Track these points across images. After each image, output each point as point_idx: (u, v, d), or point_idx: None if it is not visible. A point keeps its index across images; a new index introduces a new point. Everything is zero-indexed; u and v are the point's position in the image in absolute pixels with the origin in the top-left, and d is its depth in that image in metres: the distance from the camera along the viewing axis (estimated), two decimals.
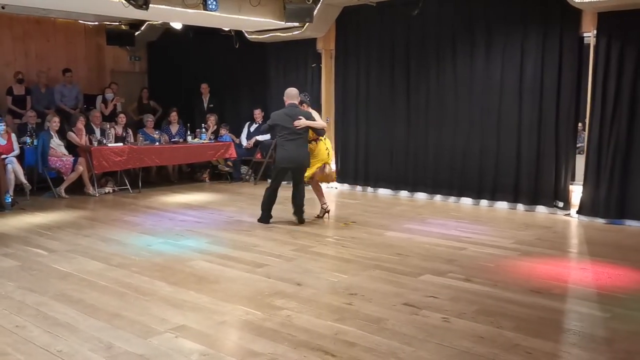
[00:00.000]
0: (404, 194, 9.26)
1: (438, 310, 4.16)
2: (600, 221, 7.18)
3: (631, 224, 7.00)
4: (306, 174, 7.02)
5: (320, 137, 7.09)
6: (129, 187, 9.54)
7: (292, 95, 6.94)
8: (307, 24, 9.18)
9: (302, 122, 6.75)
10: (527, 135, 7.90)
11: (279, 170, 7.00)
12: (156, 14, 8.32)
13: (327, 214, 7.34)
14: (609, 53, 7.02)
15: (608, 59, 7.03)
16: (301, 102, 7.09)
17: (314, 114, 7.17)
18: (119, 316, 4.04)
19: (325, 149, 7.17)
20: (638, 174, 6.94)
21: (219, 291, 4.59)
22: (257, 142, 10.74)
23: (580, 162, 7.65)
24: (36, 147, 9.03)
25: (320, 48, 10.03)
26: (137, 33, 11.96)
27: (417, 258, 5.57)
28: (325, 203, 7.35)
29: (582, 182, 7.44)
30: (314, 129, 6.94)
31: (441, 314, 4.09)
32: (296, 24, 9.25)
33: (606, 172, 7.13)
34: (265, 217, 7.08)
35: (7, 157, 8.26)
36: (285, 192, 7.34)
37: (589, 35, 7.29)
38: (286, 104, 6.92)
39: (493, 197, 8.27)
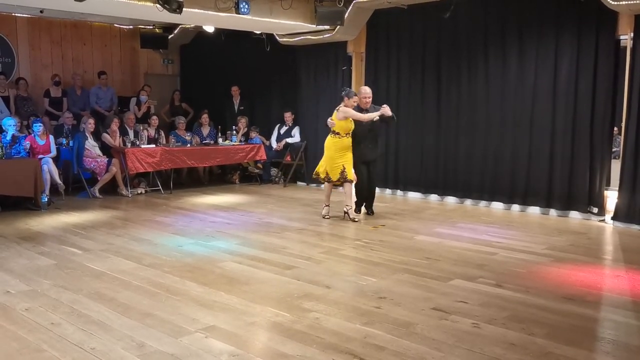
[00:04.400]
0: (434, 197, 9.19)
1: (468, 315, 4.12)
2: (636, 228, 7.01)
3: None
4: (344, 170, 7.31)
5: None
6: (160, 188, 9.69)
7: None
8: (338, 27, 9.21)
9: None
10: (560, 139, 7.76)
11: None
12: (189, 17, 8.45)
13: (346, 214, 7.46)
14: None
15: None
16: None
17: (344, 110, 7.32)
18: (151, 315, 4.11)
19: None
20: None
21: (249, 292, 4.63)
22: (287, 145, 10.80)
23: (615, 167, 7.49)
24: (72, 148, 9.24)
25: (351, 51, 10.03)
26: (170, 36, 12.19)
27: (447, 262, 5.53)
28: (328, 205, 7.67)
29: (617, 188, 7.28)
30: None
31: (471, 319, 4.05)
32: (327, 27, 9.28)
33: None
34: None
35: (43, 158, 8.47)
36: (308, 194, 7.36)
37: (626, 37, 7.13)
38: None
39: (525, 201, 8.14)
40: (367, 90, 7.53)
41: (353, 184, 7.44)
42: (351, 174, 7.32)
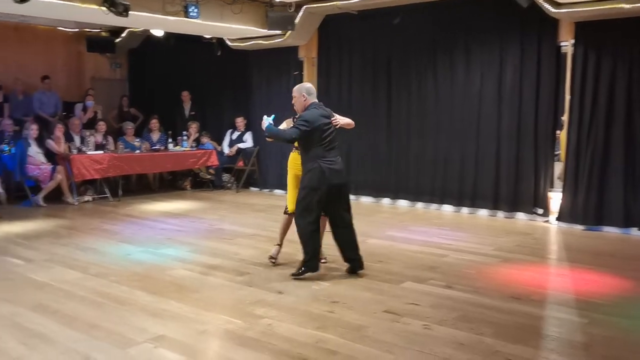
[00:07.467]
0: (385, 201, 9.28)
1: (419, 317, 4.17)
2: (578, 227, 7.26)
3: (609, 230, 7.09)
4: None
5: None
6: (108, 195, 9.44)
7: (313, 91, 5.32)
8: (289, 32, 9.21)
9: (338, 120, 5.24)
10: (506, 143, 7.98)
11: (328, 191, 5.04)
12: (137, 21, 8.28)
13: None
14: (586, 61, 7.13)
15: (585, 67, 7.14)
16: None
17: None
18: (97, 327, 3.99)
19: None
20: (615, 181, 7.04)
21: (200, 300, 4.55)
22: (239, 150, 10.71)
23: (558, 169, 7.75)
24: (14, 154, 8.89)
25: (302, 56, 10.04)
26: (117, 40, 11.90)
27: (399, 265, 5.58)
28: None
29: (561, 189, 7.53)
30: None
31: (422, 321, 4.09)
32: (278, 32, 9.27)
33: (584, 179, 7.22)
34: (315, 264, 5.17)
35: None
36: (261, 200, 7.26)
37: (567, 44, 7.40)
38: (307, 103, 5.21)
39: (473, 204, 8.32)
40: None
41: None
42: None
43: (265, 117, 5.26)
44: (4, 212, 8.22)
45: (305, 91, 5.27)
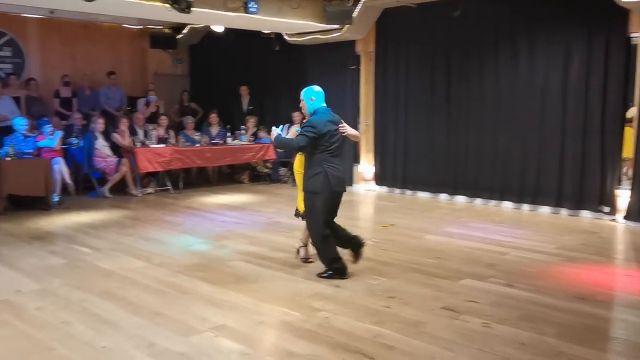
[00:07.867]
0: (443, 197, 9.15)
1: (478, 315, 4.10)
2: None
3: None
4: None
5: None
6: (170, 187, 9.71)
7: (322, 95, 5.24)
8: (346, 26, 9.19)
9: (346, 128, 5.14)
10: (571, 138, 7.71)
11: (332, 197, 4.93)
12: (198, 17, 8.47)
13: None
14: None
15: None
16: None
17: None
18: (160, 314, 4.12)
19: None
20: None
21: (258, 291, 4.63)
22: None
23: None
24: (82, 148, 9.28)
25: (360, 50, 10.01)
26: (179, 36, 12.21)
27: (457, 262, 5.50)
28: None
29: (629, 187, 7.21)
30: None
31: (481, 319, 4.02)
32: (336, 26, 9.27)
33: None
34: (342, 269, 4.99)
35: (54, 158, 8.51)
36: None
37: (637, 35, 7.06)
38: (315, 108, 5.18)
39: (535, 201, 8.09)
40: None
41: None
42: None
43: (274, 127, 5.27)
44: (72, 202, 8.59)
45: (313, 95, 5.15)
